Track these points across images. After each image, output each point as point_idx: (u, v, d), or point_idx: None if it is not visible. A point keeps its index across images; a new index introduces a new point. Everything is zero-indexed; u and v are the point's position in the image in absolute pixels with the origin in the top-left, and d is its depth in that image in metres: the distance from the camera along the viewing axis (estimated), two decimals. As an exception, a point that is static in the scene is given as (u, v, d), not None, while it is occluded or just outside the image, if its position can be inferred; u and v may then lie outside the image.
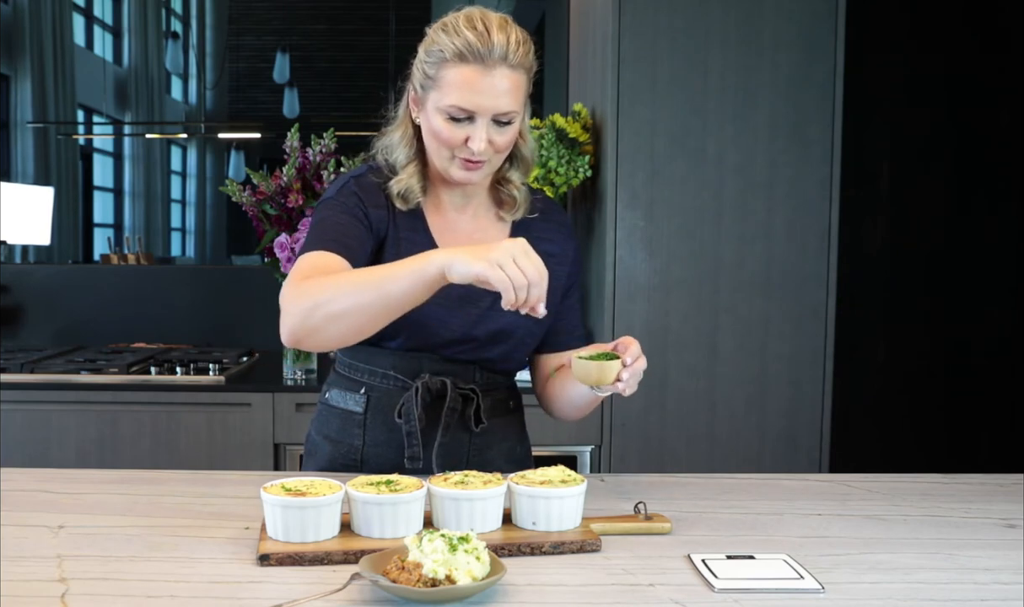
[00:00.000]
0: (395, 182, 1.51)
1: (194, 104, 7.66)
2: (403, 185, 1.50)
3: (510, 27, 1.43)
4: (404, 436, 1.49)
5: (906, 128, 3.45)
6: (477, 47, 1.38)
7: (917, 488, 1.56)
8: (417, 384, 1.50)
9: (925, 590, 1.12)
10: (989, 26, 3.42)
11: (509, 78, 1.41)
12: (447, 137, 1.43)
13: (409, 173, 1.51)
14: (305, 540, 1.19)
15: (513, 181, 1.56)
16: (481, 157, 1.44)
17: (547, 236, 1.57)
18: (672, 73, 2.54)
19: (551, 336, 1.61)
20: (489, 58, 1.39)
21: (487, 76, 1.39)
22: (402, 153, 1.52)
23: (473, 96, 1.40)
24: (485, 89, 1.40)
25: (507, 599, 1.07)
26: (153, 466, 2.54)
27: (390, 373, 1.54)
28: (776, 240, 2.58)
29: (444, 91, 1.41)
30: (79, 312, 3.26)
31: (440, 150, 1.46)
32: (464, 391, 1.53)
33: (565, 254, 1.60)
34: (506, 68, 1.40)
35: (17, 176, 6.04)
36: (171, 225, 8.25)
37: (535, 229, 1.55)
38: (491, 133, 1.43)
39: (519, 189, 1.56)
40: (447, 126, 1.43)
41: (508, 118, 1.43)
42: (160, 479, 1.57)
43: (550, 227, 1.60)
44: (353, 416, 1.57)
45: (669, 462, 2.59)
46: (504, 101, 1.41)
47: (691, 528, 1.33)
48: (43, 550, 1.21)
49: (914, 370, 3.49)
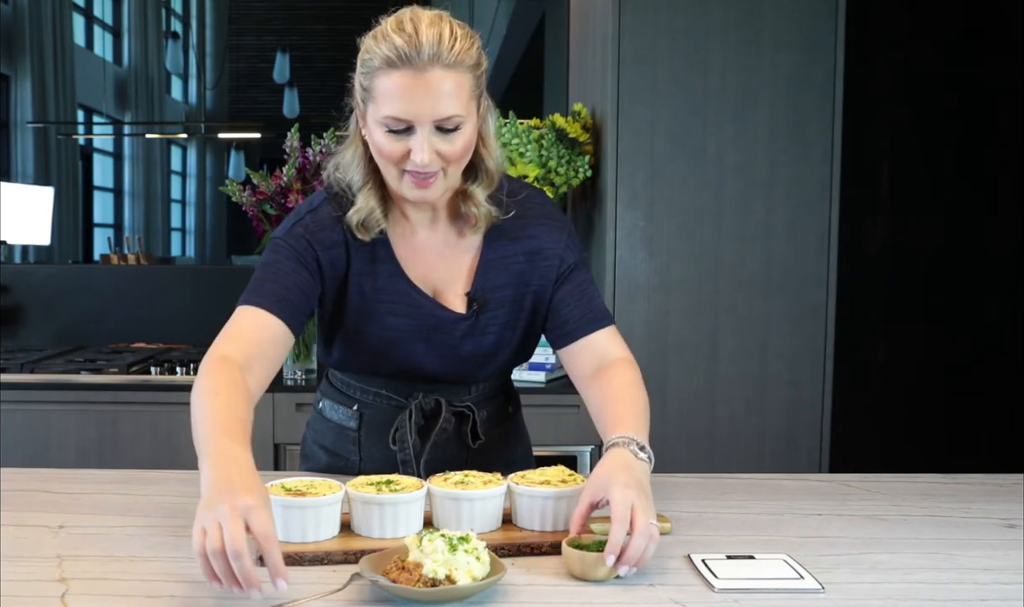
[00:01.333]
0: (353, 212, 1.39)
1: (194, 104, 7.66)
2: (362, 214, 1.39)
3: (444, 23, 1.30)
4: (399, 464, 1.47)
5: (906, 128, 3.45)
6: (405, 50, 1.27)
7: (917, 488, 1.56)
8: (410, 407, 1.48)
9: (925, 590, 1.12)
10: (989, 26, 3.42)
11: (446, 79, 1.28)
12: (388, 152, 1.31)
13: (366, 197, 1.39)
14: (305, 540, 1.19)
15: (474, 197, 1.41)
16: (428, 169, 1.31)
17: (530, 233, 1.47)
18: (672, 73, 2.54)
19: (557, 333, 1.48)
20: (418, 60, 1.26)
21: (419, 80, 1.27)
22: (356, 174, 1.40)
23: (406, 104, 1.28)
24: (419, 95, 1.27)
25: (507, 599, 1.07)
26: (153, 466, 2.54)
27: (382, 392, 1.51)
28: (776, 240, 2.58)
29: (379, 102, 1.30)
30: (79, 312, 3.26)
31: (387, 167, 1.34)
32: (459, 409, 1.51)
33: (543, 248, 1.47)
34: (439, 69, 1.27)
35: (17, 176, 6.03)
36: (171, 225, 8.25)
37: (514, 229, 1.46)
38: (436, 143, 1.30)
39: (479, 206, 1.41)
40: (387, 140, 1.31)
41: (453, 124, 1.30)
42: (160, 479, 1.57)
43: (532, 222, 1.47)
44: (347, 431, 1.55)
45: (669, 462, 2.59)
46: (443, 105, 1.28)
47: (691, 528, 1.33)
48: (43, 550, 1.21)
49: (914, 370, 3.49)
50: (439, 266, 1.46)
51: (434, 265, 1.45)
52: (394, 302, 1.43)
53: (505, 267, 1.46)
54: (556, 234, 1.49)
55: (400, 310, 1.43)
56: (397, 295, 1.43)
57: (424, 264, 1.45)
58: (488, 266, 1.46)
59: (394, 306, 1.43)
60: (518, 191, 1.48)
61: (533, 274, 1.47)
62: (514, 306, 1.47)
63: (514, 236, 1.46)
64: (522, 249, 1.47)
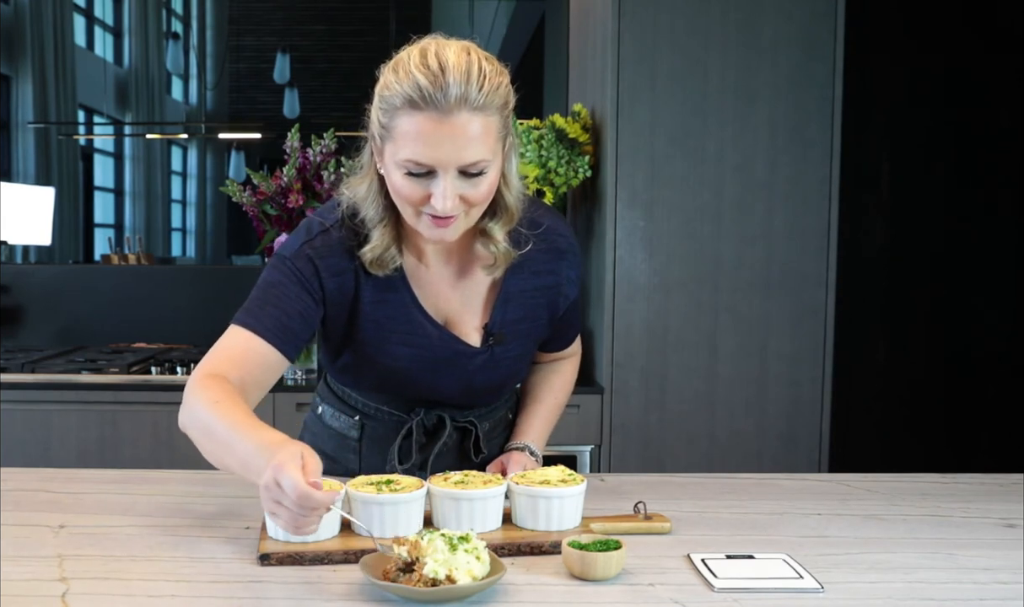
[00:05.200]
0: (368, 250, 1.33)
1: (194, 104, 7.67)
2: (377, 252, 1.33)
3: (472, 58, 1.21)
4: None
5: (906, 128, 3.45)
6: (430, 91, 1.17)
7: (917, 488, 1.56)
8: (411, 423, 1.46)
9: (924, 590, 1.12)
10: (989, 26, 3.42)
11: (473, 123, 1.19)
12: (407, 194, 1.23)
13: (380, 234, 1.33)
14: (305, 540, 1.19)
15: (494, 236, 1.34)
16: (451, 213, 1.23)
17: (550, 269, 1.44)
18: (672, 73, 2.54)
19: (552, 342, 1.56)
20: (444, 103, 1.17)
21: (444, 124, 1.18)
22: (371, 210, 1.32)
23: (430, 149, 1.19)
24: (443, 140, 1.18)
25: (507, 599, 1.07)
26: (153, 466, 2.55)
27: (383, 408, 1.49)
28: (776, 240, 2.58)
29: (399, 143, 1.21)
30: (80, 312, 3.27)
31: (405, 207, 1.27)
32: (461, 425, 1.50)
33: (559, 285, 1.45)
34: (467, 112, 1.18)
35: (18, 176, 6.04)
36: (171, 225, 8.26)
37: (534, 262, 1.42)
38: (459, 187, 1.22)
39: (499, 245, 1.35)
40: (406, 183, 1.22)
41: (478, 169, 1.22)
42: (160, 479, 1.57)
43: (553, 258, 1.44)
44: (348, 440, 1.53)
45: (669, 462, 2.60)
46: (469, 152, 1.20)
47: (691, 528, 1.34)
48: (44, 550, 1.21)
49: (914, 370, 3.49)
50: (453, 298, 1.41)
51: (448, 297, 1.41)
52: (406, 332, 1.39)
53: (523, 301, 1.43)
54: (572, 270, 1.47)
55: (412, 341, 1.39)
56: (410, 326, 1.38)
57: (437, 295, 1.40)
58: (507, 300, 1.42)
59: (406, 336, 1.39)
60: (537, 222, 1.41)
61: (546, 310, 1.46)
62: (528, 338, 1.46)
63: (534, 270, 1.42)
64: (541, 284, 1.44)
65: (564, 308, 1.48)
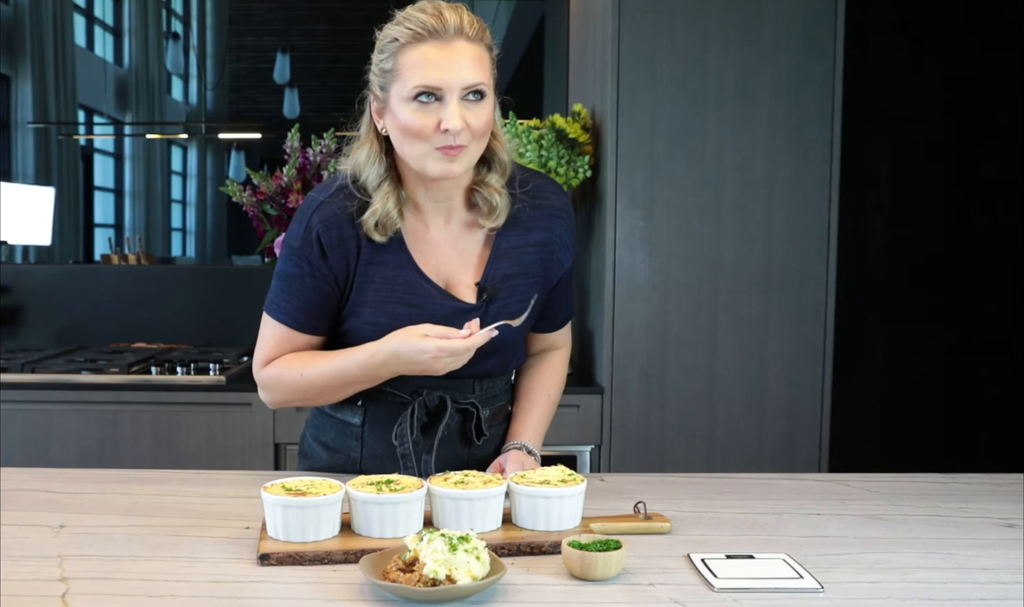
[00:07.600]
0: (370, 214, 1.42)
1: (195, 104, 7.67)
2: (379, 214, 1.41)
3: (462, 9, 1.39)
4: (399, 458, 1.47)
5: (906, 128, 3.45)
6: (432, 25, 1.35)
7: (916, 488, 1.56)
8: (414, 404, 1.49)
9: (924, 590, 1.12)
10: (989, 26, 3.42)
11: (470, 50, 1.36)
12: (418, 126, 1.35)
13: (384, 195, 1.42)
14: (305, 540, 1.19)
15: (491, 184, 1.46)
16: (459, 140, 1.35)
17: (541, 224, 1.51)
18: (672, 73, 2.54)
19: (543, 320, 1.59)
20: (445, 33, 1.35)
21: (447, 49, 1.34)
22: (372, 172, 1.43)
23: (437, 72, 1.34)
24: (447, 62, 1.34)
25: (507, 599, 1.07)
26: (153, 466, 2.55)
27: (387, 389, 1.50)
28: (776, 240, 2.58)
29: (406, 77, 1.35)
30: (80, 312, 3.27)
31: (414, 145, 1.37)
32: (463, 406, 1.52)
33: (552, 241, 1.52)
34: (464, 41, 1.36)
35: (18, 176, 6.04)
36: (171, 225, 8.25)
37: (526, 219, 1.50)
38: (464, 111, 1.35)
39: (499, 193, 1.46)
40: (416, 114, 1.35)
41: (478, 90, 1.36)
42: (160, 479, 1.57)
43: (543, 213, 1.51)
44: (350, 427, 1.55)
45: (669, 462, 2.60)
46: (469, 73, 1.35)
47: (691, 528, 1.34)
48: (44, 550, 1.21)
49: (914, 370, 3.49)
50: (451, 258, 1.48)
51: (446, 257, 1.47)
52: (405, 292, 1.45)
53: (516, 257, 1.49)
54: (566, 232, 1.54)
55: (410, 299, 1.45)
56: (408, 285, 1.45)
57: (436, 256, 1.47)
58: (499, 256, 1.48)
59: (404, 295, 1.45)
60: (526, 181, 1.51)
61: (541, 267, 1.51)
62: (523, 296, 1.49)
63: (526, 227, 1.49)
64: (533, 240, 1.50)
65: (558, 275, 1.54)
